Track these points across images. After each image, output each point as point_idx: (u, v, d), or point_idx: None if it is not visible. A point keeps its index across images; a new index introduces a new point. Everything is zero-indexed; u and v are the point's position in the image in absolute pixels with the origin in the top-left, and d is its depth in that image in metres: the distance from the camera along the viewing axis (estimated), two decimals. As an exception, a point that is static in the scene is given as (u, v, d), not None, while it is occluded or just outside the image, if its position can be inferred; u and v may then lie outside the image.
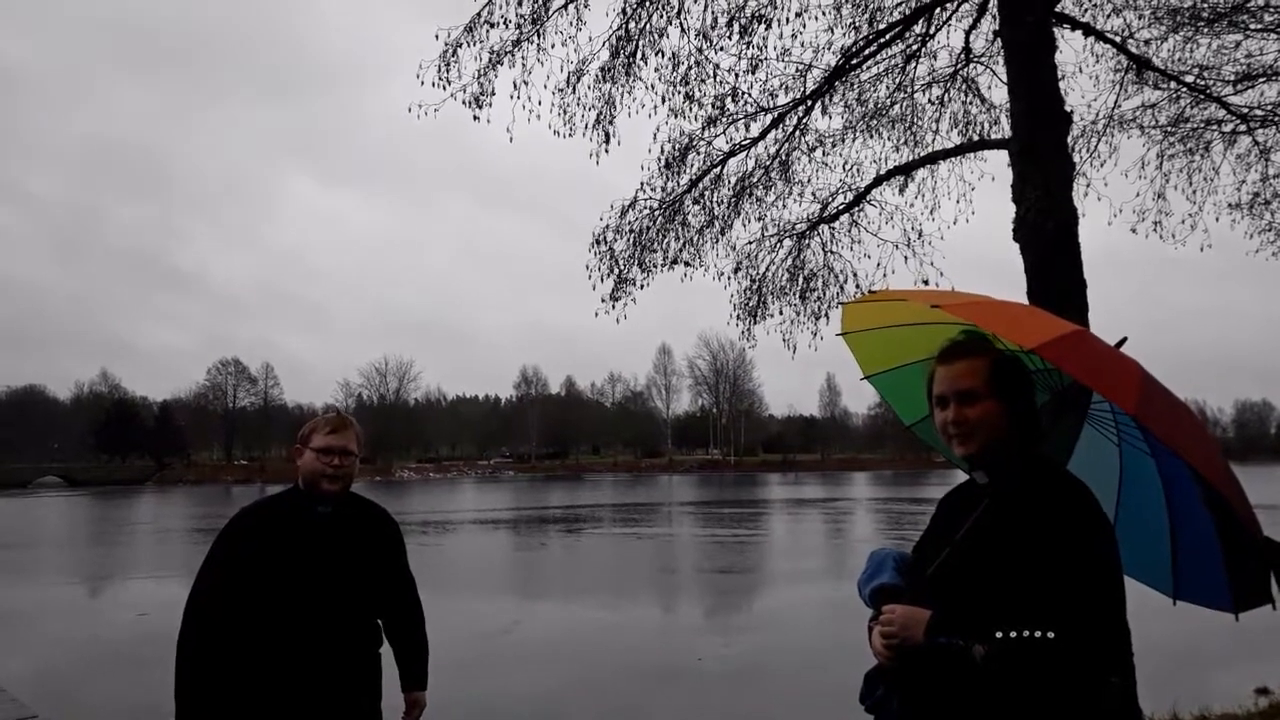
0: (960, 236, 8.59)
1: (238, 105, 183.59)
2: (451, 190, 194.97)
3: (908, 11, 7.87)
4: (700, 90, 7.87)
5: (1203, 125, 8.59)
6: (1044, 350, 1.99)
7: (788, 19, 7.58)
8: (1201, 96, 8.31)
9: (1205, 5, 7.71)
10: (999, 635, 1.81)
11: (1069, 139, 6.37)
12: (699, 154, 8.18)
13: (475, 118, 7.43)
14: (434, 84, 7.37)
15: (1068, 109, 6.11)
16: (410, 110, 7.48)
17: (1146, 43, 7.99)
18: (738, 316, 8.50)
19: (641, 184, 8.17)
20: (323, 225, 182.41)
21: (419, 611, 3.44)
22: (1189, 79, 8.16)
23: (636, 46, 7.50)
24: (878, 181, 8.15)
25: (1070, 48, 7.85)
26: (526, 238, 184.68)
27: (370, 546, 3.25)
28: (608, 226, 8.19)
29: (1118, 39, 7.89)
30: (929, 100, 8.52)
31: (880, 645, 2.04)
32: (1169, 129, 8.62)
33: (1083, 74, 8.22)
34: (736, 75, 7.93)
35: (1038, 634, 1.78)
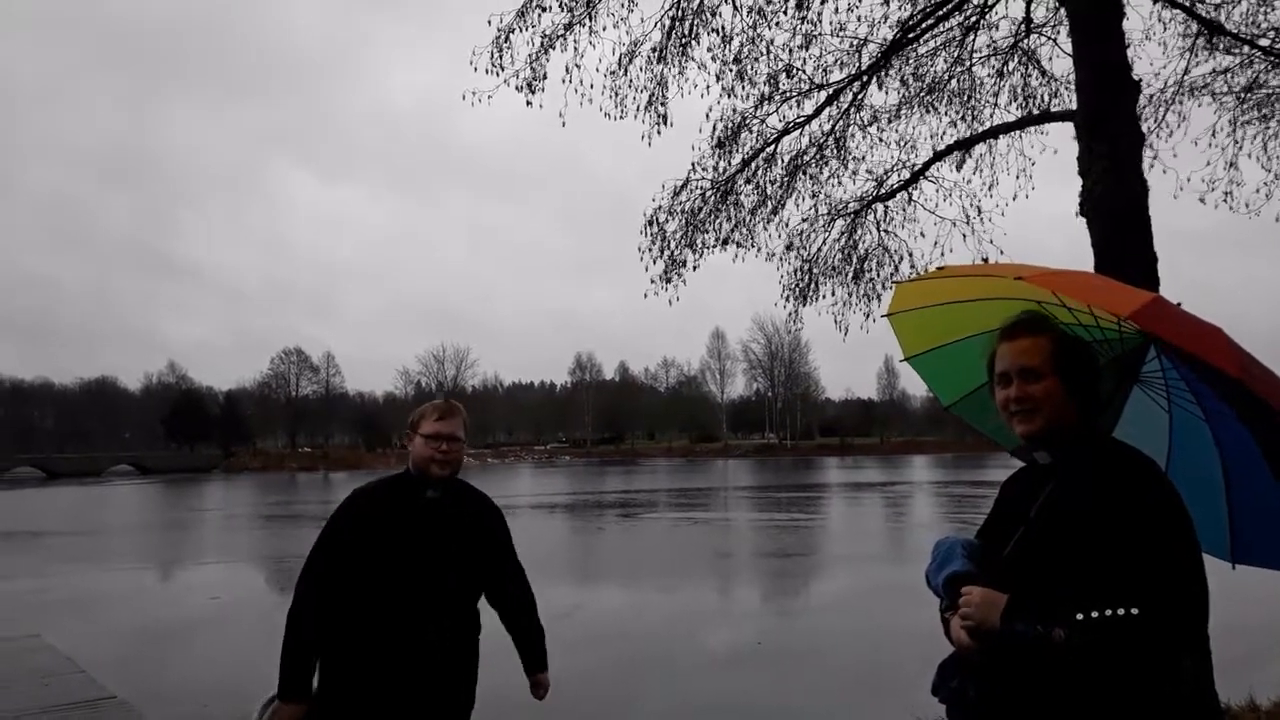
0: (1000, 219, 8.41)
1: (252, 107, 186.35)
2: (478, 184, 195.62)
3: (967, -18, 7.69)
4: (753, 68, 7.79)
5: (1278, 90, 8.27)
6: (1137, 316, 1.94)
7: (843, -9, 7.47)
8: (1277, 60, 7.99)
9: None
10: (1080, 616, 1.76)
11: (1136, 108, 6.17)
12: (752, 133, 8.11)
13: (528, 103, 7.45)
14: (487, 70, 7.40)
15: (1135, 77, 5.91)
16: (464, 98, 7.53)
17: (1218, 6, 7.70)
18: (787, 298, 8.42)
19: (693, 165, 8.13)
20: (369, 227, 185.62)
21: (531, 596, 3.56)
22: (1263, 43, 7.85)
23: (690, 25, 7.44)
24: (935, 158, 7.99)
25: (1137, 14, 7.58)
26: (566, 228, 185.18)
27: (476, 531, 3.33)
28: (660, 207, 8.17)
29: (1187, 3, 7.62)
30: (988, 73, 8.32)
31: (960, 631, 1.97)
32: (1242, 94, 8.31)
33: (1150, 41, 7.96)
34: (790, 51, 7.84)
35: (1120, 611, 1.73)
